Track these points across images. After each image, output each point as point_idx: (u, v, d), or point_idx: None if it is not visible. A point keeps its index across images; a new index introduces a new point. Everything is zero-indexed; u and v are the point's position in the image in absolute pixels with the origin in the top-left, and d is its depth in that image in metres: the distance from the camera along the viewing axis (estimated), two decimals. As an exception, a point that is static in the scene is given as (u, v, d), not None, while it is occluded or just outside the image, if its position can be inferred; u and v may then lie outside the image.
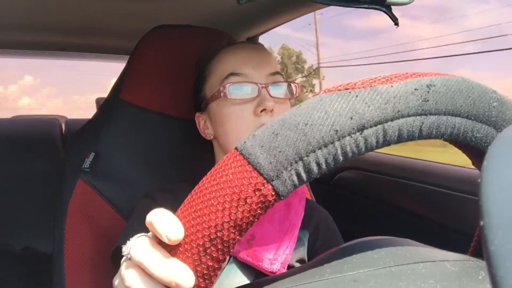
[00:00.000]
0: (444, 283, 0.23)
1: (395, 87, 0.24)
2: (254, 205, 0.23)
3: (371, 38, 32.49)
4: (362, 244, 0.29)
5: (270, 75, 0.60)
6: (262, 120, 0.57)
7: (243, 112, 0.58)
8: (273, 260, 0.54)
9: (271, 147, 0.23)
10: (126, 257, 0.27)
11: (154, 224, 0.25)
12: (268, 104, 0.56)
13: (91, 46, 1.50)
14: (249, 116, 0.58)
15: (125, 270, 0.26)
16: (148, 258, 0.24)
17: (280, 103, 0.60)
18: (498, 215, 0.15)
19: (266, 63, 0.61)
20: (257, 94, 0.58)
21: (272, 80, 0.60)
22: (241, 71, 0.59)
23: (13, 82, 44.08)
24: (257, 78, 0.59)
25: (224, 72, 0.61)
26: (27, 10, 0.99)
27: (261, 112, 0.57)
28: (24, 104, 42.35)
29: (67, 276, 0.69)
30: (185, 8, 1.01)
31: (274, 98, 0.58)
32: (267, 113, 0.57)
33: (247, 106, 0.58)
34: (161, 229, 0.24)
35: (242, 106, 0.58)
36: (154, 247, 0.25)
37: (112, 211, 0.73)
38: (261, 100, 0.57)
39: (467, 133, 0.26)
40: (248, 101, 0.58)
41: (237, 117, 0.58)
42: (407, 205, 1.01)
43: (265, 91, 0.58)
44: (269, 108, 0.56)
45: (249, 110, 0.58)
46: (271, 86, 0.59)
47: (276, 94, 0.59)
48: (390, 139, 0.24)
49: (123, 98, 0.77)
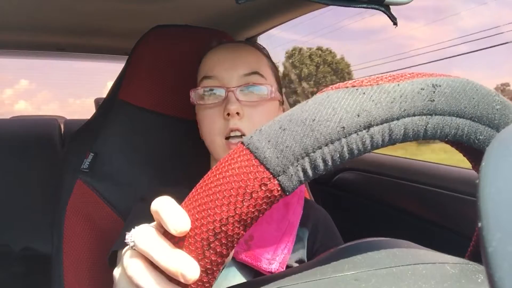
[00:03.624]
0: (445, 284, 0.23)
1: (401, 86, 0.24)
2: (259, 200, 0.23)
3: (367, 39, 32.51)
4: (363, 244, 0.30)
5: (243, 76, 0.59)
6: (230, 123, 0.57)
7: (213, 116, 0.59)
8: (272, 260, 0.54)
9: (278, 142, 0.23)
10: (130, 246, 0.26)
11: (161, 213, 0.24)
12: (231, 107, 0.56)
13: (90, 46, 1.49)
14: (219, 120, 0.58)
15: (128, 259, 0.25)
16: (154, 247, 0.24)
17: (252, 106, 0.58)
18: (496, 216, 0.15)
19: (240, 64, 0.60)
20: (224, 98, 0.58)
21: (244, 82, 0.59)
22: (213, 73, 0.60)
23: (8, 86, 44.10)
24: (228, 80, 0.59)
25: (201, 75, 0.62)
26: (24, 10, 0.99)
27: (227, 115, 0.57)
28: (20, 108, 42.41)
29: (66, 276, 0.69)
30: (184, 8, 1.01)
31: (242, 101, 0.58)
32: (234, 117, 0.57)
33: (217, 110, 0.59)
34: (168, 220, 0.24)
35: (213, 109, 0.59)
36: (159, 236, 0.25)
37: (110, 211, 0.73)
38: (226, 104, 0.57)
39: (470, 135, 0.26)
40: (218, 104, 0.59)
41: (209, 120, 0.59)
42: (406, 206, 1.01)
43: (232, 94, 0.58)
44: (232, 112, 0.56)
45: (219, 114, 0.58)
46: (239, 89, 0.58)
47: (245, 97, 0.58)
48: (396, 138, 0.24)
49: (122, 98, 0.77)
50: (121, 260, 0.27)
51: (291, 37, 17.00)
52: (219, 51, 0.63)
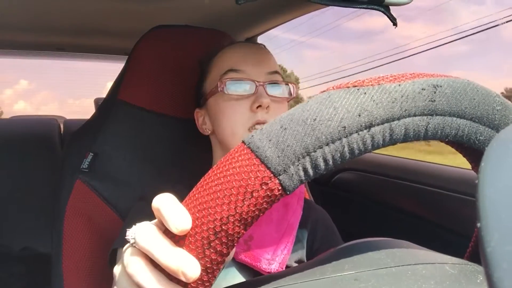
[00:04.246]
0: (444, 284, 0.23)
1: (402, 86, 0.24)
2: (260, 199, 0.23)
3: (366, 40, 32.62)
4: (362, 244, 0.30)
5: (268, 74, 0.61)
6: (257, 116, 0.57)
7: (239, 107, 0.59)
8: (271, 260, 0.54)
9: (279, 141, 0.23)
10: (130, 243, 0.26)
11: (162, 211, 0.24)
12: (264, 100, 0.57)
13: (89, 46, 1.49)
14: (245, 111, 0.58)
15: (129, 256, 0.25)
16: (156, 245, 0.24)
17: (277, 102, 0.60)
18: (495, 216, 0.15)
19: (265, 62, 0.62)
20: (254, 91, 0.59)
21: (270, 79, 0.61)
22: (240, 67, 0.60)
23: (8, 86, 44.09)
24: (256, 75, 0.60)
25: (224, 68, 0.61)
26: (25, 10, 0.99)
27: (257, 108, 0.57)
28: (19, 108, 42.43)
29: (65, 276, 0.69)
30: (184, 8, 1.01)
31: (270, 96, 0.59)
32: (263, 110, 0.57)
33: (244, 102, 0.59)
34: (170, 218, 0.24)
35: (239, 101, 0.59)
36: (161, 235, 0.25)
37: (110, 211, 0.73)
38: (258, 97, 0.58)
39: (471, 136, 0.26)
40: (245, 97, 0.59)
41: (233, 111, 0.59)
42: (406, 206, 1.01)
43: (262, 88, 0.59)
44: (264, 105, 0.57)
45: (245, 106, 0.58)
46: (268, 85, 0.60)
47: (273, 92, 0.60)
48: (397, 138, 0.24)
49: (122, 98, 0.77)
50: (121, 258, 0.27)
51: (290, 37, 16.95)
52: (242, 48, 0.64)
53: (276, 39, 17.45)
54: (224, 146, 0.63)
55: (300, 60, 26.03)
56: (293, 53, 19.53)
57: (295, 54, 20.67)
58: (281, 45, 15.36)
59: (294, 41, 24.44)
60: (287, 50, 18.54)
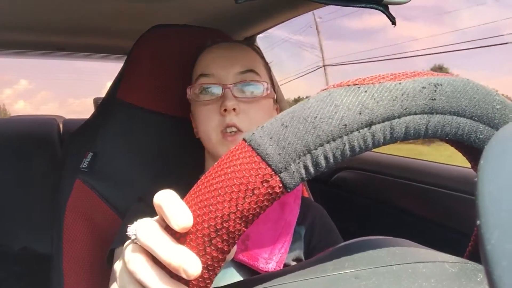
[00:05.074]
0: (445, 282, 0.23)
1: (403, 84, 0.25)
2: (261, 197, 0.23)
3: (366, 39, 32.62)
4: (363, 243, 0.30)
5: (239, 74, 0.61)
6: (226, 119, 0.58)
7: (209, 112, 0.60)
8: (269, 259, 0.54)
9: (280, 139, 0.23)
10: (131, 239, 0.26)
11: (164, 208, 0.24)
12: (228, 103, 0.57)
13: (88, 46, 1.49)
14: (215, 116, 0.59)
15: (130, 253, 0.25)
16: (157, 242, 0.24)
17: (247, 102, 0.60)
18: (494, 214, 0.15)
19: (235, 62, 0.61)
20: (221, 94, 0.59)
21: (240, 79, 0.60)
22: (209, 71, 0.61)
23: (8, 86, 44.11)
24: (224, 77, 0.60)
25: (197, 73, 0.63)
26: (24, 10, 0.99)
27: (224, 111, 0.58)
28: (19, 107, 42.42)
29: (65, 276, 0.69)
30: (183, 7, 1.01)
31: (238, 98, 0.59)
32: (230, 113, 0.58)
33: (213, 107, 0.60)
34: (171, 215, 0.24)
35: (209, 106, 0.60)
36: (162, 231, 0.25)
37: (110, 211, 0.73)
38: (223, 100, 0.58)
39: (470, 134, 0.27)
40: (214, 101, 0.60)
41: (205, 116, 0.60)
42: (405, 205, 1.01)
43: (228, 91, 0.59)
44: (229, 108, 0.57)
45: (214, 110, 0.59)
46: (235, 86, 0.60)
47: (240, 94, 0.60)
48: (397, 136, 0.24)
49: (121, 97, 0.77)
50: (122, 254, 0.27)
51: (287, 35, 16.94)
52: (215, 50, 0.64)
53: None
54: (206, 149, 0.65)
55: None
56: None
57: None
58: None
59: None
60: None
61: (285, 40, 14.92)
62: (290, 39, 15.60)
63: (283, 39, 14.36)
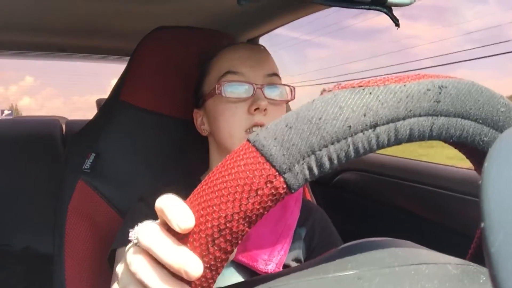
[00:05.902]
0: (447, 284, 0.23)
1: (408, 87, 0.25)
2: (265, 197, 0.23)
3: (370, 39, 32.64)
4: (365, 244, 0.30)
5: (267, 76, 0.61)
6: (255, 118, 0.58)
7: (236, 110, 0.59)
8: (268, 260, 0.54)
9: (284, 140, 0.23)
10: (133, 242, 0.26)
11: (165, 211, 0.24)
12: (262, 103, 0.57)
13: (91, 47, 1.50)
14: (243, 114, 0.59)
15: (132, 255, 0.25)
16: (158, 244, 0.24)
17: (275, 104, 0.60)
18: (499, 216, 0.15)
19: (264, 64, 0.62)
20: (252, 94, 0.59)
21: (268, 81, 0.61)
22: (238, 69, 0.60)
23: (13, 82, 44.38)
24: (254, 78, 0.60)
25: (222, 70, 0.62)
26: (27, 11, 1.00)
27: (254, 110, 0.58)
28: (24, 104, 42.62)
29: (67, 276, 0.69)
30: (185, 9, 1.01)
31: (268, 99, 0.59)
32: (261, 112, 0.58)
33: (241, 105, 0.59)
34: (173, 216, 0.24)
35: (236, 104, 0.59)
36: (163, 233, 0.25)
37: (112, 211, 0.73)
38: (255, 99, 0.58)
39: (475, 137, 0.27)
40: (243, 100, 0.59)
41: (231, 114, 0.59)
42: (408, 207, 1.01)
43: (260, 91, 0.59)
44: (262, 107, 0.57)
45: (243, 108, 0.59)
46: (266, 87, 0.60)
47: (270, 95, 0.60)
48: (401, 138, 0.24)
49: (124, 99, 0.77)
50: (124, 257, 0.27)
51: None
52: (241, 49, 0.64)
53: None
54: (221, 147, 0.63)
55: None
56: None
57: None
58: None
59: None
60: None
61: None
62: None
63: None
